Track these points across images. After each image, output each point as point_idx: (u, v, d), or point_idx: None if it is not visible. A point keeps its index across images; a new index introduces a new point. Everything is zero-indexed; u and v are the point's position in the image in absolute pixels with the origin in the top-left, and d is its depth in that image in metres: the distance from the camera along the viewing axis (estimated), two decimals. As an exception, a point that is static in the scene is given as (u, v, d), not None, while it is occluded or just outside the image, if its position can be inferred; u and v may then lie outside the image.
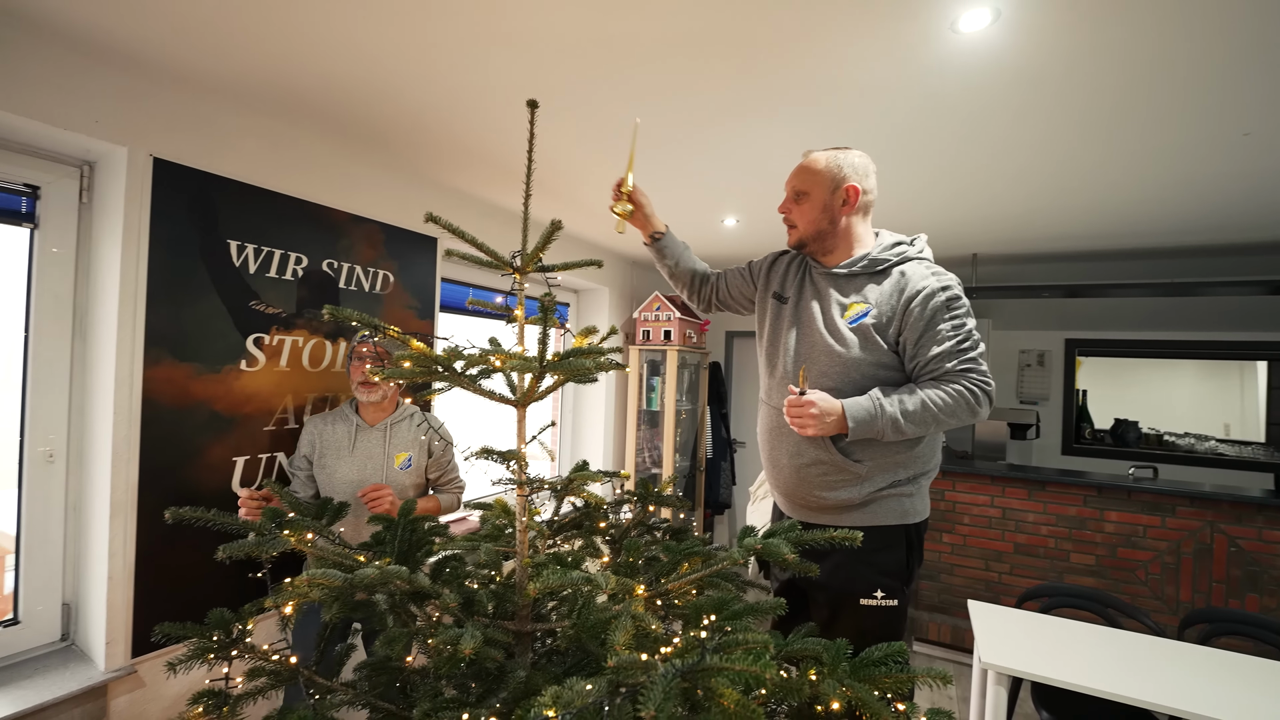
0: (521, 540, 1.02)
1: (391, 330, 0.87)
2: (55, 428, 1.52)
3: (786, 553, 0.75)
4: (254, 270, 1.74)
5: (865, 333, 1.30)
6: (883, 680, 0.76)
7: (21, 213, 1.47)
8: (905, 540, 1.32)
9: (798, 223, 1.38)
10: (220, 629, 1.00)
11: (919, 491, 1.35)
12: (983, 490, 3.36)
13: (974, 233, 2.89)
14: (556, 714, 0.58)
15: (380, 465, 1.73)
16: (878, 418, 1.24)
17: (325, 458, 1.70)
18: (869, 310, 1.31)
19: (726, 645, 0.62)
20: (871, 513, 1.31)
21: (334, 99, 1.64)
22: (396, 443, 1.77)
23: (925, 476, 1.36)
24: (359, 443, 1.72)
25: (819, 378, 1.33)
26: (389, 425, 1.77)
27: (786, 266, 1.50)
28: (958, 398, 1.23)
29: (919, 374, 1.30)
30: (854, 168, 1.34)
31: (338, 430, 1.73)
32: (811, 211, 1.35)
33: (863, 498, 1.31)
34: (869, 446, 1.30)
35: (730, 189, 2.33)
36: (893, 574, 1.31)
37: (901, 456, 1.31)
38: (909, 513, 1.32)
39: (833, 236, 1.37)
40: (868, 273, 1.34)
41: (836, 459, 1.30)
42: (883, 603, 1.31)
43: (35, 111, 1.33)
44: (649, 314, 3.66)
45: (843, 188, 1.33)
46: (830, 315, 1.35)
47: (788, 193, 1.40)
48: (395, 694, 1.05)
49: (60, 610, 1.54)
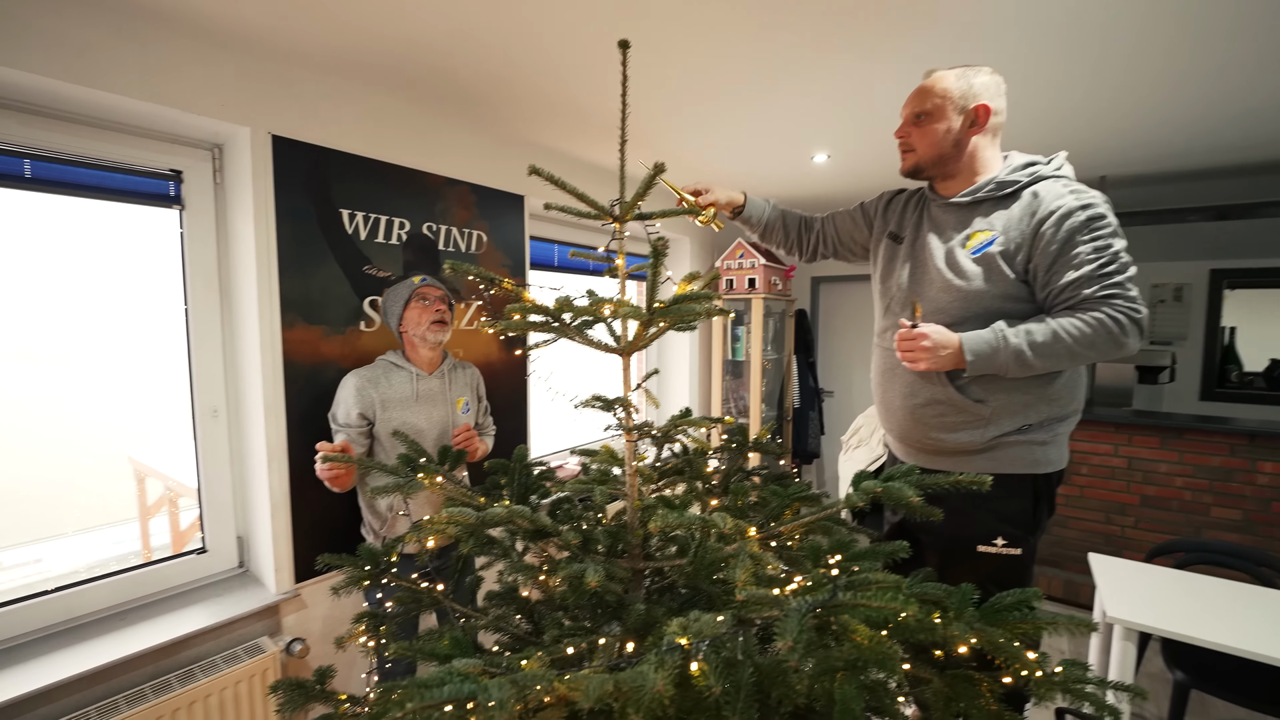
0: (631, 483, 1.05)
1: (506, 283, 0.90)
2: (215, 387, 1.73)
3: (911, 495, 0.73)
4: (364, 237, 1.85)
5: (990, 263, 1.19)
6: (1017, 626, 0.74)
7: (170, 196, 1.64)
8: (1033, 490, 1.23)
9: (916, 145, 1.27)
10: (370, 560, 1.13)
11: (1054, 439, 1.23)
12: (1105, 439, 3.09)
13: (1101, 151, 2.55)
14: (690, 642, 0.61)
15: (446, 411, 1.75)
16: (1000, 350, 1.13)
17: (389, 411, 1.65)
18: (994, 238, 1.19)
19: (858, 583, 0.62)
20: (995, 459, 1.22)
21: (425, 62, 1.67)
22: (455, 389, 1.80)
23: (1063, 422, 1.24)
24: (420, 391, 1.71)
25: (934, 314, 1.24)
26: (445, 372, 1.78)
27: (904, 205, 1.40)
28: (1097, 327, 1.10)
29: (1053, 304, 1.17)
30: (984, 86, 1.21)
31: (395, 382, 1.68)
32: (934, 134, 1.24)
33: (986, 442, 1.22)
34: (993, 385, 1.20)
35: (820, 123, 2.18)
36: (1016, 521, 1.23)
37: (1031, 396, 1.19)
38: (1040, 462, 1.22)
39: (955, 161, 1.25)
40: (994, 198, 1.22)
41: (955, 398, 1.21)
42: (1003, 550, 1.24)
43: (174, 100, 1.46)
44: (732, 262, 3.57)
45: (972, 107, 1.21)
46: (950, 248, 1.24)
47: (905, 116, 1.29)
48: (516, 624, 1.15)
49: (235, 542, 1.80)
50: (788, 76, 1.76)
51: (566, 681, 0.59)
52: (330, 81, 1.76)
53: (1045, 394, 1.20)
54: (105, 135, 1.49)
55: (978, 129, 1.23)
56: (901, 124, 1.30)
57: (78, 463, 1.79)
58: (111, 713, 1.36)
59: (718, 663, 0.58)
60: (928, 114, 1.24)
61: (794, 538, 1.01)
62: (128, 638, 1.46)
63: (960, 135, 1.23)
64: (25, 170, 1.39)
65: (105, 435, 1.88)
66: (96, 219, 1.63)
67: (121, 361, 1.78)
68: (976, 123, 1.22)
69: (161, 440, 2.94)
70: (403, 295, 1.70)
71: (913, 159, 1.29)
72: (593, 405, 1.07)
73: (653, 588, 1.15)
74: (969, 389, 1.21)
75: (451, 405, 1.77)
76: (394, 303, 1.72)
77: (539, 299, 0.93)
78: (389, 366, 1.71)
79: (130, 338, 1.79)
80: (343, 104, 1.80)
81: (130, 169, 1.55)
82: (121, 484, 1.83)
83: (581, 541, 1.01)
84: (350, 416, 1.63)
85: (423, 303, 1.70)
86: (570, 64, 1.69)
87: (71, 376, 1.73)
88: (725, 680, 0.57)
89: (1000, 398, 1.20)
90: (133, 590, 1.59)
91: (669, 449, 1.36)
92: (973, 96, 1.21)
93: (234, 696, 1.53)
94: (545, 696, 0.60)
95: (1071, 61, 1.67)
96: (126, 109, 1.45)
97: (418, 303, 1.70)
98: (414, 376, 1.71)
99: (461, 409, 1.80)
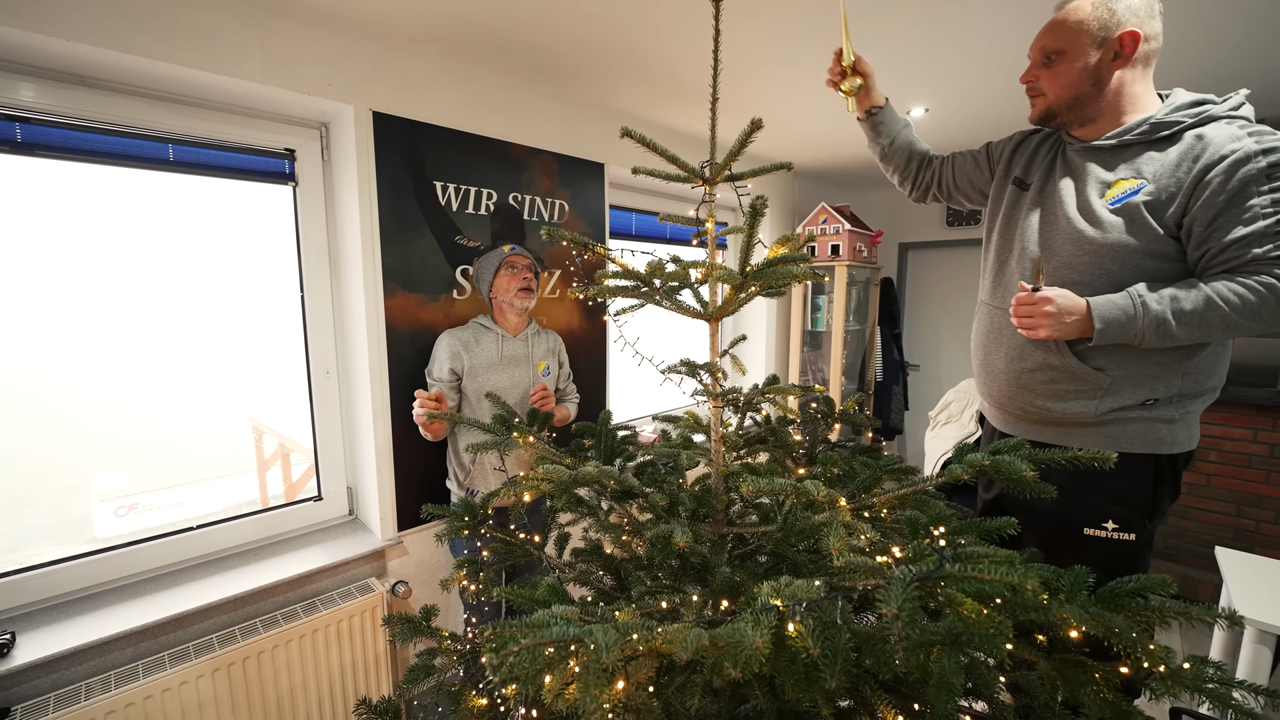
0: (717, 449, 1.06)
1: (600, 248, 0.91)
2: (327, 350, 1.89)
3: (1025, 469, 0.69)
4: (455, 208, 1.93)
5: (1133, 214, 1.04)
6: (1140, 613, 0.68)
7: (286, 173, 1.78)
8: (1154, 470, 1.11)
9: (1047, 89, 1.13)
10: (468, 512, 1.21)
11: (1184, 417, 1.09)
12: (1243, 422, 2.76)
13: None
14: (785, 605, 0.61)
15: (528, 372, 1.86)
16: (1137, 318, 1.00)
17: (477, 370, 1.77)
18: (1141, 186, 1.04)
19: (967, 555, 0.60)
20: (1112, 435, 1.11)
21: (513, 31, 1.69)
22: (537, 352, 1.89)
23: (1197, 400, 1.09)
24: (504, 353, 1.81)
25: (1059, 269, 1.11)
26: (528, 337, 1.88)
27: (1036, 146, 1.25)
28: (1265, 294, 0.94)
29: (1209, 264, 1.01)
30: (1130, 8, 1.03)
31: (484, 343, 1.80)
32: (1067, 74, 1.09)
33: (1099, 414, 1.10)
34: (1120, 354, 1.07)
35: (919, 72, 2.02)
36: (1131, 504, 1.12)
37: (1163, 369, 1.06)
38: (1164, 441, 1.09)
39: (1096, 102, 1.09)
40: (1145, 140, 1.06)
41: (1071, 364, 1.09)
42: (1114, 535, 1.13)
43: (289, 82, 1.57)
44: (814, 227, 3.43)
45: (1115, 36, 1.03)
46: (1085, 196, 1.10)
47: (1033, 57, 1.14)
48: (600, 579, 1.20)
49: (346, 492, 1.98)
50: (883, 16, 1.64)
51: (663, 633, 0.61)
52: (423, 56, 1.83)
53: (1181, 366, 1.06)
54: (230, 119, 1.63)
55: (1123, 61, 1.05)
56: (1029, 67, 1.15)
57: (207, 420, 2.02)
58: (251, 633, 1.55)
59: (815, 626, 0.58)
60: (1059, 53, 1.08)
61: (885, 510, 0.98)
62: (260, 571, 1.66)
63: (1102, 71, 1.06)
64: (169, 154, 1.55)
65: (229, 396, 2.09)
66: (213, 201, 1.79)
67: (241, 330, 1.97)
68: (1122, 53, 1.04)
69: (275, 400, 3.26)
70: (493, 263, 1.80)
71: (1043, 104, 1.14)
72: (680, 371, 1.08)
73: (735, 553, 1.16)
74: (1090, 356, 1.09)
75: (533, 367, 1.87)
76: (485, 270, 1.83)
77: (630, 264, 0.93)
78: (479, 328, 1.83)
79: (247, 308, 1.97)
80: (434, 78, 1.86)
81: (251, 149, 1.69)
82: (242, 440, 2.04)
83: (668, 503, 1.03)
84: (443, 372, 1.76)
85: (511, 270, 1.79)
86: (657, 23, 1.65)
87: (201, 344, 1.94)
88: (822, 643, 0.57)
89: (1124, 367, 1.07)
90: (261, 531, 1.80)
91: (751, 418, 1.35)
92: (1116, 24, 1.03)
93: (349, 628, 1.70)
94: (640, 646, 0.63)
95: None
96: (248, 93, 1.57)
97: (507, 270, 1.79)
98: (500, 338, 1.82)
99: (542, 371, 1.89)
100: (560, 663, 0.60)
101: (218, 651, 1.48)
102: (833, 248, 3.35)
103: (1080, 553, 1.16)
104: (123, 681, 1.36)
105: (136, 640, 1.45)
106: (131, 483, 1.74)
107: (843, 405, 1.28)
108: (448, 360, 1.76)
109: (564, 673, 0.61)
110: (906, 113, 2.46)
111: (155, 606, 1.47)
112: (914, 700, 0.75)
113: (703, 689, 0.80)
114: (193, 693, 1.43)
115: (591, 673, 0.52)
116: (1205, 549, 2.85)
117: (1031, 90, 1.16)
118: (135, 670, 1.40)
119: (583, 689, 0.53)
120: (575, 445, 1.30)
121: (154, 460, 1.82)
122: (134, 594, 1.53)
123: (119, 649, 1.43)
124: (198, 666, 1.44)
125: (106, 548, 1.56)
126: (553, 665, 0.60)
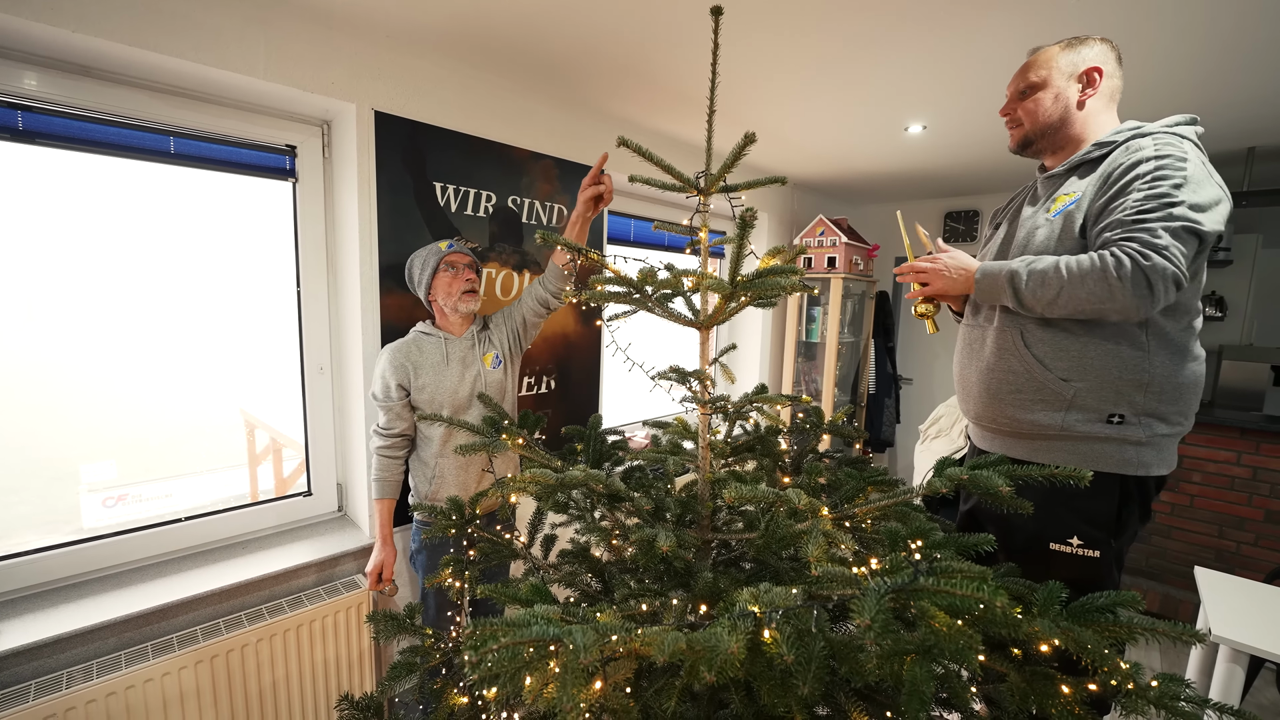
0: (704, 456, 1.07)
1: (594, 254, 0.93)
2: (321, 346, 1.89)
3: (1001, 484, 0.70)
4: (455, 209, 1.95)
5: (1066, 221, 1.14)
6: (1110, 629, 0.70)
7: (286, 169, 1.79)
8: (1120, 491, 1.14)
9: (1024, 118, 1.22)
10: (456, 511, 1.22)
11: (1153, 441, 1.12)
12: (1226, 445, 2.79)
13: (1251, 118, 2.24)
14: (762, 611, 0.62)
15: (476, 366, 1.72)
16: (1002, 272, 1.12)
17: (423, 377, 1.64)
18: (1078, 198, 1.14)
19: (941, 570, 0.61)
20: (1079, 453, 1.15)
21: (518, 36, 1.71)
22: (482, 346, 1.76)
23: (1164, 423, 1.12)
24: (451, 353, 1.69)
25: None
26: (474, 333, 1.75)
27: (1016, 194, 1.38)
28: (1094, 263, 1.02)
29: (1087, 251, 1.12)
30: (1094, 52, 1.17)
31: (427, 349, 1.67)
32: (1041, 103, 1.19)
33: (1066, 426, 1.14)
34: (1078, 363, 1.13)
35: (918, 89, 2.05)
36: (1097, 522, 1.15)
37: (1123, 382, 1.10)
38: (1131, 463, 1.12)
39: (1065, 129, 1.20)
40: (1088, 160, 1.17)
41: (1031, 366, 1.17)
42: (1079, 551, 1.17)
43: (292, 79, 1.58)
44: (811, 240, 3.46)
45: (1083, 70, 1.16)
46: (1035, 213, 1.22)
47: (1010, 94, 1.25)
48: (586, 582, 1.21)
49: (335, 488, 1.98)
50: (885, 36, 1.67)
51: (641, 635, 0.62)
52: (427, 58, 1.84)
53: (1141, 380, 1.10)
54: (232, 113, 1.64)
55: (1092, 91, 1.17)
56: (1007, 102, 1.27)
57: (199, 413, 2.03)
58: (236, 627, 1.55)
59: (790, 633, 0.59)
60: (1033, 86, 1.20)
61: (867, 521, 1.00)
62: (247, 564, 1.66)
63: (1071, 101, 1.18)
64: (170, 147, 1.56)
65: (222, 389, 2.10)
66: (212, 195, 1.80)
67: (236, 324, 1.97)
68: (1090, 84, 1.17)
69: (269, 395, 3.26)
70: (430, 262, 1.66)
71: (1020, 133, 1.26)
72: (669, 378, 1.09)
73: (719, 559, 1.17)
74: (1051, 362, 1.16)
75: (480, 361, 1.73)
76: (422, 271, 1.68)
77: (622, 270, 0.95)
78: (420, 337, 1.70)
79: (243, 303, 1.97)
80: (438, 80, 1.88)
81: (253, 144, 1.70)
82: (234, 434, 2.04)
83: (653, 508, 1.05)
84: (390, 390, 1.63)
85: (451, 271, 1.66)
86: (657, 32, 1.68)
87: (196, 337, 1.94)
88: (796, 650, 0.59)
89: (1086, 378, 1.13)
90: (250, 524, 1.80)
91: (741, 426, 1.36)
92: (1083, 61, 1.17)
93: (334, 623, 1.71)
94: (620, 648, 0.64)
95: (1204, 13, 1.48)
96: (251, 88, 1.58)
97: (446, 271, 1.66)
98: (444, 341, 1.70)
99: (491, 363, 1.75)
100: (540, 663, 0.61)
101: (201, 644, 1.48)
102: (829, 260, 3.38)
103: (1048, 567, 1.19)
104: (105, 671, 1.36)
105: (120, 630, 1.45)
106: (121, 473, 1.74)
107: (832, 416, 1.30)
108: (394, 376, 1.63)
109: (544, 673, 0.62)
110: (904, 130, 2.49)
111: (140, 597, 1.47)
112: (887, 708, 0.77)
113: (681, 692, 0.81)
114: (175, 684, 1.43)
115: (569, 672, 0.54)
116: (1187, 569, 2.88)
117: (1010, 121, 1.27)
118: (118, 660, 1.40)
119: (560, 688, 0.54)
120: (566, 449, 1.31)
121: (144, 452, 1.82)
122: (119, 584, 1.53)
123: (102, 638, 1.43)
124: (181, 658, 1.44)
125: (92, 537, 1.56)
126: (533, 665, 0.61)
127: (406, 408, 1.67)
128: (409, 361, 1.65)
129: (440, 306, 1.71)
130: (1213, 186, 1.04)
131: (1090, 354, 1.11)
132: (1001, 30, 1.58)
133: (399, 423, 1.66)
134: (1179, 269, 0.98)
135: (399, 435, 1.68)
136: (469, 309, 1.69)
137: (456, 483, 1.71)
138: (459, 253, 1.68)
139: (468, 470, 1.72)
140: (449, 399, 1.67)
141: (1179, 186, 1.01)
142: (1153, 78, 1.86)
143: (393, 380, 1.63)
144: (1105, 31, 1.54)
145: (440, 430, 1.68)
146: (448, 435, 1.68)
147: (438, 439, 1.69)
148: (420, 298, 1.73)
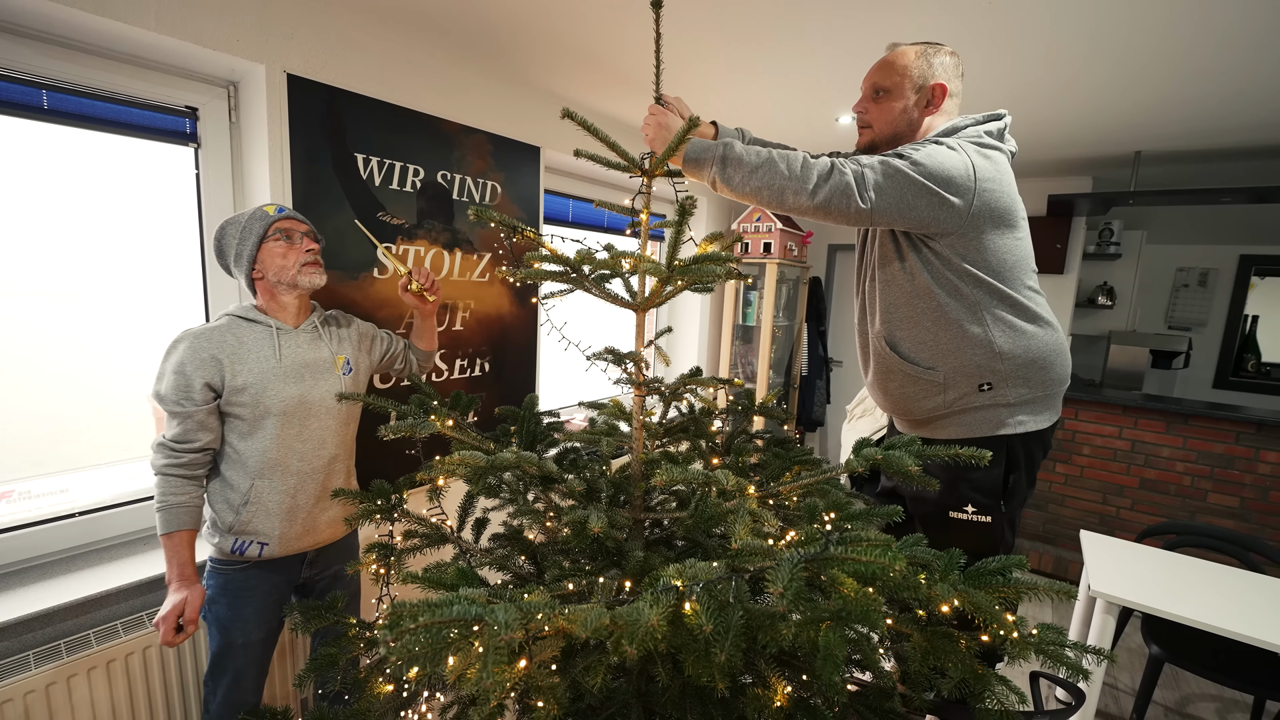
0: (638, 437, 1.08)
1: (529, 232, 0.91)
2: (232, 326, 1.76)
3: (910, 464, 0.75)
4: (379, 182, 1.85)
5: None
6: (999, 590, 0.77)
7: (186, 133, 1.63)
8: (1006, 454, 1.27)
9: (874, 122, 1.30)
10: (382, 496, 1.18)
11: (1022, 402, 1.26)
12: (1111, 420, 3.10)
13: (1137, 125, 2.46)
14: (684, 585, 0.64)
15: (327, 372, 1.39)
16: (711, 144, 1.16)
17: (243, 375, 1.28)
18: None
19: (849, 540, 0.65)
20: (964, 424, 1.28)
21: (449, 2, 1.63)
22: (334, 343, 1.44)
23: (1025, 386, 1.25)
24: (285, 350, 1.34)
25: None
26: (317, 324, 1.42)
27: None
28: (794, 158, 1.13)
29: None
30: (943, 65, 1.24)
31: (248, 340, 1.31)
32: (890, 111, 1.27)
33: (948, 403, 1.28)
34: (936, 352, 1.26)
35: (841, 83, 2.11)
36: (986, 490, 1.28)
37: (978, 355, 1.23)
38: (1006, 423, 1.25)
39: (909, 139, 1.28)
40: None
41: (907, 368, 1.29)
42: (974, 518, 1.30)
43: (191, 34, 1.44)
44: (748, 225, 3.53)
45: (929, 85, 1.23)
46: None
47: (865, 90, 1.31)
48: (519, 565, 1.20)
49: (251, 476, 1.86)
50: (818, 29, 1.70)
51: (566, 613, 0.63)
52: (348, 20, 1.72)
53: (990, 353, 1.23)
54: (121, 69, 1.48)
55: (933, 109, 1.26)
56: (861, 98, 1.33)
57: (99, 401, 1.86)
58: (137, 627, 1.44)
59: (710, 605, 0.61)
60: (886, 90, 1.27)
61: (792, 498, 1.04)
62: (150, 561, 1.54)
63: (914, 116, 1.26)
64: (43, 101, 1.39)
65: (125, 374, 1.93)
66: (111, 159, 1.63)
67: (139, 301, 1.80)
68: (932, 102, 1.25)
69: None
70: (255, 230, 1.32)
71: (869, 135, 1.32)
72: (604, 359, 1.09)
73: (652, 538, 1.19)
74: (916, 358, 1.29)
75: (331, 367, 1.41)
76: (243, 241, 1.32)
77: (560, 250, 0.93)
78: (238, 323, 1.32)
79: (149, 277, 1.81)
80: (360, 45, 1.76)
81: (147, 104, 1.54)
82: (141, 423, 1.89)
83: (586, 490, 1.05)
84: (191, 390, 1.24)
85: (287, 241, 1.34)
86: (594, 9, 1.64)
87: (91, 315, 1.76)
88: (716, 621, 0.61)
89: (946, 363, 1.26)
90: (151, 519, 1.67)
91: (676, 408, 1.39)
92: (931, 74, 1.24)
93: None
94: (545, 626, 0.64)
95: (1100, 27, 1.60)
96: (143, 41, 1.43)
97: (279, 241, 1.33)
98: (275, 333, 1.33)
99: (341, 368, 1.42)
100: (464, 643, 0.60)
101: (95, 648, 1.37)
102: (765, 245, 3.46)
103: (950, 535, 1.32)
104: (-20, 683, 1.24)
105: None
106: (3, 469, 1.57)
107: (761, 399, 1.34)
108: (199, 372, 1.24)
109: (468, 654, 0.61)
110: (835, 120, 2.56)
111: (24, 600, 1.34)
112: (804, 672, 0.81)
113: (610, 668, 0.82)
114: (62, 694, 1.32)
115: (491, 651, 0.53)
116: (1076, 532, 3.19)
117: (861, 121, 1.33)
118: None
119: (483, 667, 0.54)
120: (500, 430, 1.29)
121: (31, 444, 1.64)
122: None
123: (-24, 648, 1.29)
124: (71, 665, 1.32)
125: (-38, 537, 1.40)
126: (456, 646, 0.60)
127: (213, 414, 1.28)
128: (222, 354, 1.27)
129: (269, 285, 1.34)
130: (948, 155, 1.14)
131: (943, 342, 1.25)
132: (931, 27, 1.64)
133: (202, 434, 1.26)
134: (859, 184, 1.11)
135: (200, 450, 1.26)
136: (312, 282, 1.36)
137: (280, 510, 1.33)
138: (293, 218, 1.36)
139: (297, 495, 1.35)
140: (280, 408, 1.31)
141: (915, 151, 1.14)
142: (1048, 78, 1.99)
143: (197, 378, 1.24)
144: (1009, 35, 1.65)
145: (263, 444, 1.31)
146: (273, 449, 1.31)
147: (255, 456, 1.30)
148: (239, 278, 1.36)
